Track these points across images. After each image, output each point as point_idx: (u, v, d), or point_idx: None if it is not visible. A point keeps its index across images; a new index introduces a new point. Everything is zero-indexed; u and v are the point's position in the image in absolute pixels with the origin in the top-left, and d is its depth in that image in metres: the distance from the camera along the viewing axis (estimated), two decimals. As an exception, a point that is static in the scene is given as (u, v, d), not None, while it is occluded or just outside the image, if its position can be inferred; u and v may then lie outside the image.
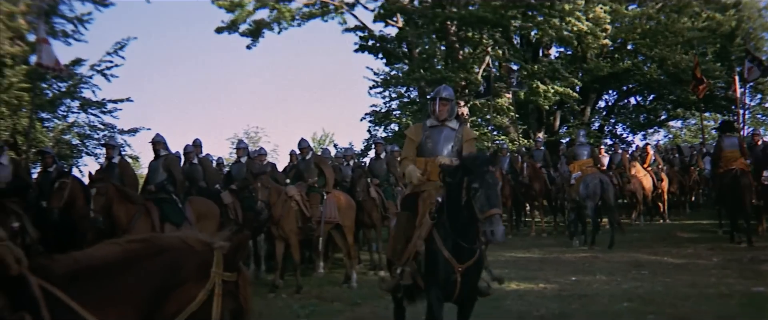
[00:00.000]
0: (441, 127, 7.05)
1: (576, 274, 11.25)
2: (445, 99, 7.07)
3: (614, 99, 33.83)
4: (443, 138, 7.01)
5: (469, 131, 7.55)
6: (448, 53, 26.34)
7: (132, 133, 26.30)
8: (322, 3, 26.81)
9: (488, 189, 5.59)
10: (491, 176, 5.69)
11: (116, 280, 3.13)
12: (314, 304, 10.03)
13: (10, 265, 2.99)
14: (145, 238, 3.37)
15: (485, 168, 5.71)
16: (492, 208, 5.53)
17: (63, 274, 3.06)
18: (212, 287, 3.27)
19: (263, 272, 13.33)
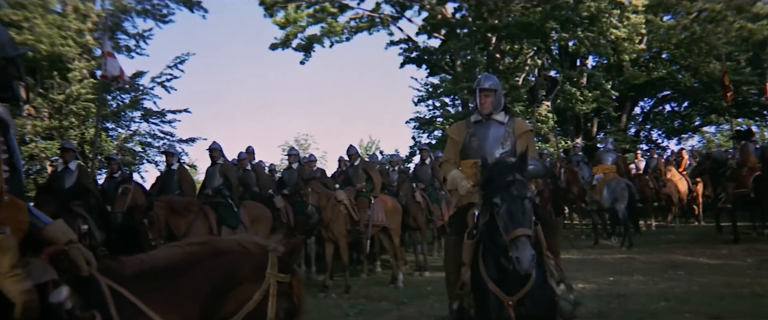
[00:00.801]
0: (487, 123, 5.92)
1: (614, 275, 11.11)
2: (488, 89, 5.92)
3: (650, 106, 33.41)
4: (491, 135, 5.85)
5: (523, 123, 6.11)
6: (489, 63, 26.24)
7: (190, 141, 26.67)
8: (369, 17, 26.86)
9: (511, 203, 4.39)
10: (519, 186, 4.44)
11: (179, 281, 3.17)
12: (362, 304, 10.02)
13: (81, 266, 3.04)
14: (205, 241, 3.41)
15: (508, 177, 4.48)
16: (516, 228, 4.29)
17: (130, 275, 3.10)
18: (267, 287, 3.30)
19: (314, 273, 13.37)
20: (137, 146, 27.12)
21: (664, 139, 33.72)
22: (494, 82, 6.03)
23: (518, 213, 4.35)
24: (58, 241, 3.12)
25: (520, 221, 4.33)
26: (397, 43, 27.44)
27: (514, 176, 4.49)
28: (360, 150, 17.01)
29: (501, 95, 6.02)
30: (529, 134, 5.88)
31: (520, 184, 4.45)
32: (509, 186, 4.43)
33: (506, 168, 4.57)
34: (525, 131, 5.90)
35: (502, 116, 5.96)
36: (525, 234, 4.29)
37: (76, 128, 23.55)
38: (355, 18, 26.96)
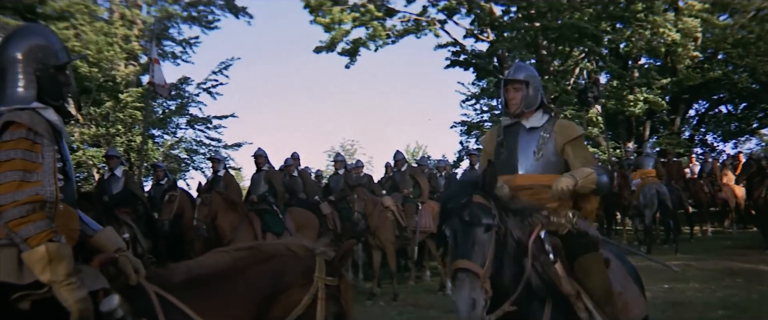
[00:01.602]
0: (517, 127, 4.68)
1: (669, 282, 10.94)
2: (518, 81, 4.65)
3: (705, 108, 32.91)
4: (521, 143, 4.60)
5: (569, 126, 4.67)
6: (538, 66, 26.07)
7: (235, 147, 26.91)
8: (415, 20, 26.86)
9: (456, 234, 3.55)
10: (473, 211, 3.57)
11: (227, 287, 3.21)
12: (411, 311, 10.03)
13: (130, 275, 3.10)
14: (252, 246, 3.45)
15: (462, 198, 3.63)
16: (455, 259, 3.49)
17: (178, 282, 3.15)
18: (316, 291, 3.34)
19: (361, 280, 13.40)
20: (183, 153, 27.45)
21: (720, 143, 33.22)
22: (528, 72, 4.76)
23: (463, 243, 3.50)
24: (107, 249, 3.19)
25: (464, 251, 3.47)
26: (445, 46, 27.38)
27: (470, 198, 3.62)
28: (407, 155, 17.01)
29: (537, 89, 4.70)
30: (578, 141, 4.54)
31: (475, 209, 3.58)
32: (461, 211, 3.57)
33: (461, 190, 3.74)
34: (573, 137, 4.51)
35: (539, 117, 4.66)
36: (465, 269, 3.41)
37: (122, 135, 23.92)
38: (401, 21, 26.97)
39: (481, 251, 3.49)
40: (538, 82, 4.73)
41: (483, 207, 3.62)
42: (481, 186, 3.74)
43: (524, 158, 4.55)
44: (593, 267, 4.14)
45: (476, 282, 3.39)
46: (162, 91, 14.24)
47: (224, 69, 26.11)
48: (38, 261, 2.71)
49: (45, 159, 2.87)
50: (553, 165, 4.49)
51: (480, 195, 3.67)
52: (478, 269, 3.42)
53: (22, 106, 2.97)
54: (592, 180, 4.23)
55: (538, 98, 4.68)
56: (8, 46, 3.10)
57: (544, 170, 4.47)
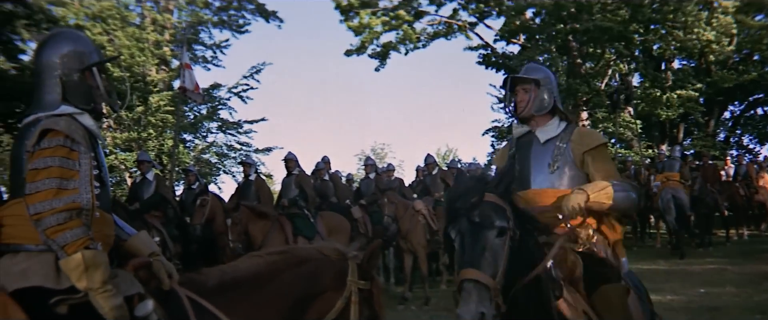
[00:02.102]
0: (530, 138, 4.23)
1: (704, 286, 10.85)
2: (527, 80, 4.22)
3: (740, 110, 32.48)
4: (535, 154, 4.16)
5: (589, 134, 4.27)
6: (569, 68, 25.93)
7: (266, 151, 27.07)
8: (446, 23, 26.84)
9: (467, 235, 3.08)
10: (484, 212, 3.11)
11: (261, 291, 3.25)
12: (443, 316, 10.00)
13: (163, 279, 3.15)
14: (285, 250, 3.49)
15: (472, 198, 3.14)
16: (462, 268, 3.02)
17: (211, 287, 3.20)
18: (349, 295, 3.38)
19: (392, 284, 13.41)
20: (214, 157, 27.67)
21: (756, 145, 32.76)
22: (541, 72, 4.28)
23: (472, 248, 3.04)
24: (141, 253, 3.24)
25: (472, 259, 3.01)
26: (476, 48, 27.34)
27: (481, 197, 3.14)
28: (437, 159, 17.02)
29: (551, 92, 4.22)
30: (599, 151, 4.06)
31: (488, 209, 3.12)
32: (470, 211, 3.11)
33: (472, 187, 3.21)
34: (593, 146, 4.04)
35: (554, 125, 4.20)
36: (473, 279, 2.94)
37: (154, 139, 24.16)
38: (431, 24, 26.96)
39: (493, 259, 3.03)
40: (552, 85, 4.26)
41: (496, 207, 3.15)
42: (496, 183, 3.28)
43: (538, 171, 4.10)
44: (614, 300, 3.63)
45: (485, 294, 2.92)
46: (195, 96, 14.35)
47: (255, 73, 26.30)
48: (75, 269, 2.76)
49: (82, 166, 2.91)
50: (570, 179, 4.03)
51: (493, 194, 3.18)
52: (488, 280, 2.95)
53: (59, 112, 3.03)
54: (606, 194, 3.72)
55: (550, 102, 4.21)
56: (40, 53, 3.18)
57: (560, 184, 4.01)
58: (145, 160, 12.29)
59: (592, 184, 3.81)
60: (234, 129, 26.91)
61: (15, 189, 3.06)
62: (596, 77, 25.61)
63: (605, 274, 3.71)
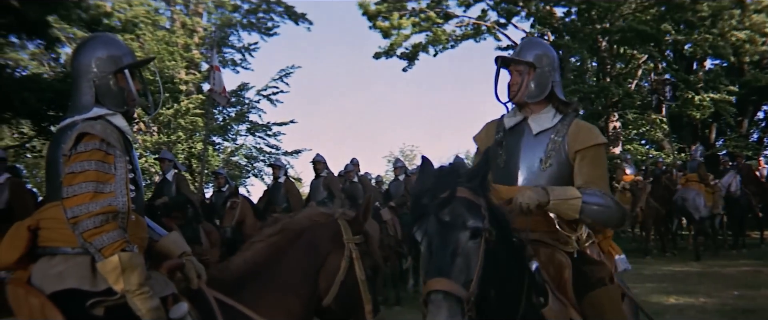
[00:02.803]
0: (523, 127, 3.68)
1: (739, 288, 10.73)
2: (521, 62, 3.68)
3: (774, 110, 32.12)
4: (526, 146, 3.62)
5: (587, 130, 3.60)
6: (599, 69, 25.79)
7: (295, 154, 27.17)
8: (474, 24, 26.81)
9: (432, 240, 2.64)
10: (456, 209, 2.66)
11: (272, 276, 3.33)
12: None
13: (192, 279, 3.19)
14: (281, 228, 3.53)
15: (443, 192, 2.68)
16: (430, 277, 2.57)
17: (230, 282, 3.27)
18: (349, 253, 3.45)
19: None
20: (243, 160, 27.83)
21: (792, 145, 32.36)
22: (539, 51, 3.70)
23: (442, 253, 2.59)
24: (173, 253, 3.29)
25: (441, 266, 2.56)
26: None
27: (453, 192, 2.69)
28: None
29: (549, 76, 3.65)
30: (592, 152, 3.51)
31: (459, 207, 2.66)
32: (439, 208, 2.65)
33: (441, 181, 2.75)
34: (588, 145, 3.51)
35: (550, 115, 3.65)
36: (442, 291, 2.51)
37: (183, 142, 24.35)
38: (460, 26, 26.93)
39: (466, 265, 2.59)
40: (550, 67, 3.67)
41: (470, 204, 2.70)
42: (470, 175, 2.81)
43: (527, 166, 3.57)
44: (607, 306, 3.30)
45: (457, 308, 2.49)
46: (220, 98, 14.45)
47: (284, 76, 26.43)
48: (112, 271, 2.80)
49: (117, 170, 2.96)
50: (564, 179, 3.51)
51: (467, 188, 2.73)
52: (460, 291, 2.52)
53: (92, 114, 3.08)
54: (572, 207, 3.26)
55: (547, 86, 3.64)
56: (76, 57, 3.24)
57: (551, 184, 3.43)
58: (165, 158, 12.13)
59: (561, 189, 3.32)
60: (263, 131, 27.03)
61: (51, 191, 3.11)
62: (627, 78, 25.44)
63: (597, 276, 3.37)
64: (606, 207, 3.34)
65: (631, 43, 24.21)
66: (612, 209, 3.36)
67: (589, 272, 3.38)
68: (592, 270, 3.41)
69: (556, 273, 3.28)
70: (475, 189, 2.77)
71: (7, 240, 3.03)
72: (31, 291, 2.88)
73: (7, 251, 3.00)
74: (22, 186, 9.72)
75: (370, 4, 25.36)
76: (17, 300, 2.86)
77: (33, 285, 2.92)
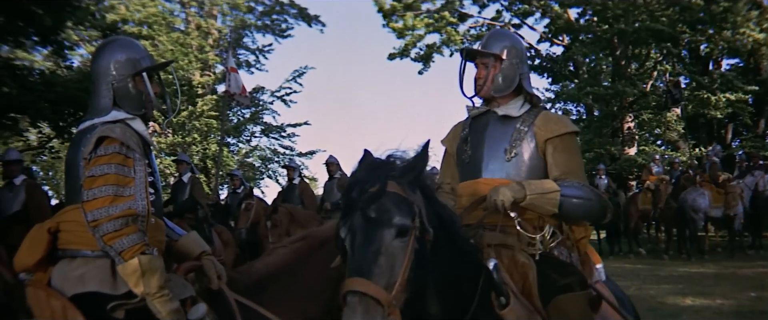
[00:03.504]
0: (487, 117, 3.52)
1: (755, 290, 10.65)
2: (487, 54, 3.51)
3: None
4: (490, 136, 3.45)
5: (556, 120, 3.48)
6: (615, 70, 25.72)
7: (309, 155, 27.23)
8: (489, 25, 26.79)
9: (355, 237, 2.47)
10: (384, 205, 2.46)
11: (294, 280, 3.31)
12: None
13: (212, 279, 3.21)
14: (305, 235, 3.52)
15: (372, 185, 2.50)
16: (349, 276, 2.40)
17: (249, 285, 3.27)
18: None
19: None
20: (257, 161, 27.91)
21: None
22: (506, 43, 3.54)
23: (363, 252, 2.41)
24: (192, 253, 3.31)
25: (361, 265, 2.38)
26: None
27: (383, 186, 2.50)
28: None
29: (517, 68, 3.50)
30: (564, 141, 3.35)
31: (388, 202, 2.48)
32: (367, 203, 2.47)
33: (372, 174, 2.57)
34: (558, 134, 3.34)
35: (517, 105, 3.48)
36: (359, 291, 2.32)
37: (198, 144, 24.43)
38: (474, 26, 26.91)
39: (389, 265, 2.39)
40: (518, 58, 3.52)
41: (400, 200, 2.50)
42: (403, 169, 2.62)
43: (492, 157, 3.39)
44: (572, 313, 3.00)
45: (376, 311, 2.31)
46: (242, 99, 14.48)
47: (298, 77, 26.48)
48: (132, 274, 2.82)
49: (137, 173, 2.98)
50: (530, 170, 3.34)
51: (398, 183, 2.55)
52: (379, 293, 2.32)
53: (111, 118, 3.10)
54: (550, 201, 3.10)
55: (515, 79, 3.48)
56: (95, 60, 3.26)
57: (517, 175, 3.31)
58: (183, 160, 12.07)
59: (537, 183, 3.15)
60: (277, 133, 27.11)
61: (71, 194, 3.13)
62: (642, 78, 25.34)
63: (565, 282, 3.08)
64: (586, 199, 3.20)
65: (646, 43, 24.13)
66: (593, 202, 3.22)
67: (554, 276, 3.09)
68: (559, 273, 3.12)
69: (519, 277, 3.05)
70: (409, 184, 2.59)
71: (27, 242, 3.06)
72: (52, 293, 2.90)
73: (27, 253, 3.03)
74: (38, 188, 9.78)
75: (385, 2, 25.40)
76: (38, 303, 2.88)
77: (53, 288, 2.95)
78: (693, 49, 26.42)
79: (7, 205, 8.72)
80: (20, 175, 9.02)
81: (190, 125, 24.29)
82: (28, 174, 10.03)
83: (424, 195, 2.66)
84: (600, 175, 18.15)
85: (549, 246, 3.14)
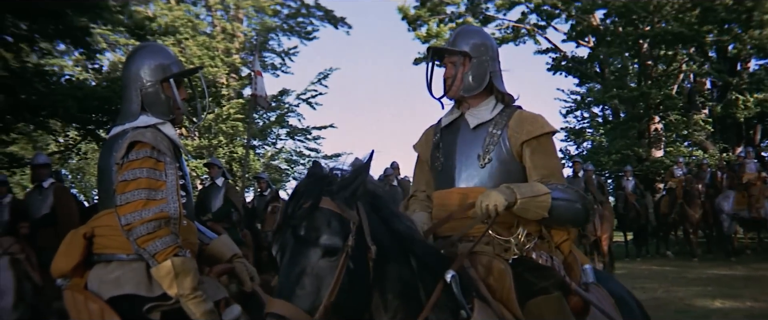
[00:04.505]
0: (459, 123, 3.33)
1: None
2: (455, 54, 3.30)
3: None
4: (462, 144, 3.27)
5: (531, 120, 3.22)
6: (641, 71, 25.56)
7: (334, 158, 27.25)
8: (514, 28, 26.73)
9: (283, 256, 2.35)
10: (312, 223, 2.31)
11: None
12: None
13: (245, 282, 3.26)
14: None
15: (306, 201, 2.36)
16: (274, 296, 2.27)
17: None
18: None
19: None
20: (283, 163, 28.01)
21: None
22: (475, 40, 3.34)
23: (288, 272, 2.28)
24: (224, 256, 3.36)
25: (284, 286, 2.27)
26: (544, 52, 27.15)
27: (316, 202, 2.35)
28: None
29: (486, 66, 3.29)
30: (541, 142, 3.17)
31: (318, 220, 2.32)
32: (298, 221, 2.33)
33: (310, 187, 2.43)
34: (534, 135, 3.14)
35: (490, 106, 3.28)
36: (278, 314, 2.20)
37: (224, 147, 24.56)
38: (499, 29, 26.86)
39: (314, 287, 2.25)
40: (488, 55, 3.32)
41: (332, 217, 2.34)
42: (342, 184, 2.45)
43: (465, 165, 3.21)
44: (546, 315, 2.86)
45: None
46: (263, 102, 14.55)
47: (323, 79, 26.53)
48: (166, 276, 2.88)
49: (168, 176, 3.04)
50: (506, 175, 3.12)
51: (333, 198, 2.39)
52: (298, 316, 2.20)
53: (140, 123, 3.16)
54: (542, 204, 2.89)
55: (485, 77, 3.27)
56: (126, 66, 3.34)
57: (492, 182, 3.10)
58: (215, 164, 12.12)
59: (527, 186, 2.94)
60: (303, 135, 27.17)
61: (104, 199, 3.20)
62: (669, 79, 25.17)
63: (542, 285, 2.93)
64: (572, 202, 3.01)
65: (672, 44, 23.97)
66: (578, 203, 3.03)
67: (531, 279, 2.94)
68: (535, 276, 2.96)
69: (496, 283, 2.87)
70: (346, 200, 2.40)
71: (63, 248, 3.13)
72: (90, 296, 2.97)
73: (63, 259, 3.10)
74: (67, 192, 9.88)
75: (410, 8, 25.39)
76: (76, 306, 2.95)
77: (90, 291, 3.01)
78: (720, 50, 26.21)
79: (36, 208, 8.82)
80: (49, 179, 9.12)
81: (216, 128, 24.42)
82: (57, 177, 10.15)
83: (373, 208, 2.52)
84: (627, 177, 18.01)
85: (524, 248, 2.95)
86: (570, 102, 29.03)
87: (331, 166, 2.57)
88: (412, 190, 3.59)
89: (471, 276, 2.80)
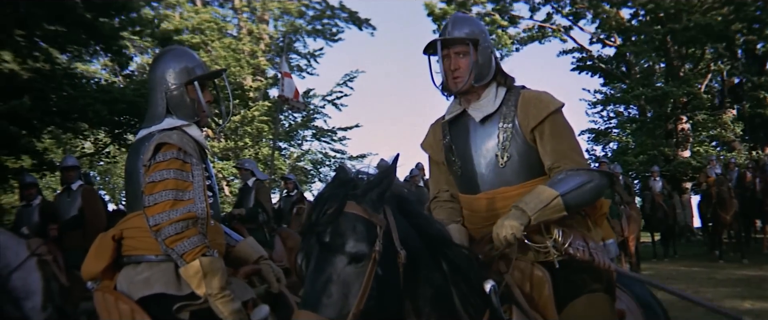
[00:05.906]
0: (465, 120, 3.14)
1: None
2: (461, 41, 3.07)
3: None
4: (475, 143, 3.09)
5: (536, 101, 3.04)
6: (668, 70, 25.36)
7: (361, 158, 27.30)
8: (539, 27, 26.64)
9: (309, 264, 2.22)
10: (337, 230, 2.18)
11: None
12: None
13: (272, 283, 3.27)
14: None
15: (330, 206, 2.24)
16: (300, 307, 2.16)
17: None
18: None
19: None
20: (309, 165, 28.10)
21: None
22: (473, 27, 3.15)
23: (314, 281, 2.16)
24: (250, 258, 3.38)
25: (310, 296, 2.14)
26: (570, 51, 27.04)
27: (340, 206, 2.23)
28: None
29: (490, 52, 3.15)
30: (550, 124, 2.98)
31: (343, 226, 2.20)
32: (323, 227, 2.20)
33: (335, 191, 2.30)
34: (541, 119, 2.97)
35: (492, 95, 3.09)
36: None
37: (250, 148, 24.69)
38: (525, 29, 26.78)
39: (341, 295, 2.13)
40: (488, 41, 3.17)
41: (359, 222, 2.22)
42: (367, 187, 2.31)
43: (484, 167, 3.04)
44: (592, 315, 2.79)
45: None
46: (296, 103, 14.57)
47: (349, 81, 26.60)
48: (194, 276, 2.90)
49: (195, 177, 3.07)
50: (528, 169, 3.01)
51: (358, 202, 2.26)
52: None
53: (166, 125, 3.19)
54: (555, 207, 2.75)
55: (492, 64, 3.12)
56: (152, 70, 3.38)
57: (516, 180, 3.00)
58: (242, 167, 12.09)
59: (532, 198, 2.77)
60: (328, 136, 27.26)
61: (132, 201, 3.23)
62: (697, 78, 24.95)
63: (582, 280, 2.85)
64: (582, 185, 2.85)
65: (700, 43, 23.75)
66: (593, 183, 2.88)
67: (577, 280, 2.85)
68: (582, 277, 2.86)
69: (533, 291, 2.80)
70: (373, 204, 2.28)
71: (93, 251, 3.17)
72: (120, 297, 3.01)
73: (93, 261, 3.14)
74: (95, 193, 9.95)
75: (436, 5, 25.37)
76: (106, 307, 3.00)
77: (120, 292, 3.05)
78: (749, 49, 25.95)
79: (64, 210, 8.89)
80: (77, 181, 9.19)
81: (242, 130, 24.56)
82: (85, 179, 10.24)
83: (400, 212, 2.41)
84: (654, 177, 17.86)
85: (563, 247, 2.77)
86: (595, 101, 28.85)
87: (355, 170, 2.45)
88: (432, 193, 3.40)
89: (509, 284, 2.72)
